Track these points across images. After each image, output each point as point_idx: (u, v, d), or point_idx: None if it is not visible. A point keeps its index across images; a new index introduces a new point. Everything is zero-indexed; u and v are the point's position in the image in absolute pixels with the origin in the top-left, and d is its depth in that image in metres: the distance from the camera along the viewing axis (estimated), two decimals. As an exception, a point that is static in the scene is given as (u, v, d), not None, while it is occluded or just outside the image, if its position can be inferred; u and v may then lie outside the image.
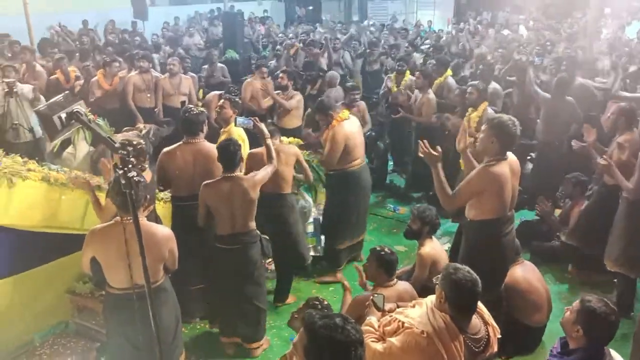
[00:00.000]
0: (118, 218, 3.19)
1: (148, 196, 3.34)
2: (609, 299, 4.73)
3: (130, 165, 2.07)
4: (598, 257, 4.86)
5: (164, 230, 3.44)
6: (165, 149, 4.59)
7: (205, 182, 4.20)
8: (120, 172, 2.04)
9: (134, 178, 2.09)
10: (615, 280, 4.90)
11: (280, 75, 7.55)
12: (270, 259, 5.28)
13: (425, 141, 3.83)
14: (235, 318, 4.38)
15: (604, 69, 8.24)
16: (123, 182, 2.06)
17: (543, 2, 18.51)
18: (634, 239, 4.53)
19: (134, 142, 3.88)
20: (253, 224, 4.31)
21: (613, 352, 3.07)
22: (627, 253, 4.57)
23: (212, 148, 4.48)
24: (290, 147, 5.11)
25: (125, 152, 2.05)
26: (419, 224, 4.43)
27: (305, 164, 5.20)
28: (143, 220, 3.19)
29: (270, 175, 4.38)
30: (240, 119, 4.83)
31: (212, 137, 4.91)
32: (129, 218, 2.89)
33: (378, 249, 3.82)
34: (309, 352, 2.08)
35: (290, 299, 5.19)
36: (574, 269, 5.41)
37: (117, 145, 2.07)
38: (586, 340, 2.82)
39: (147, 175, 4.32)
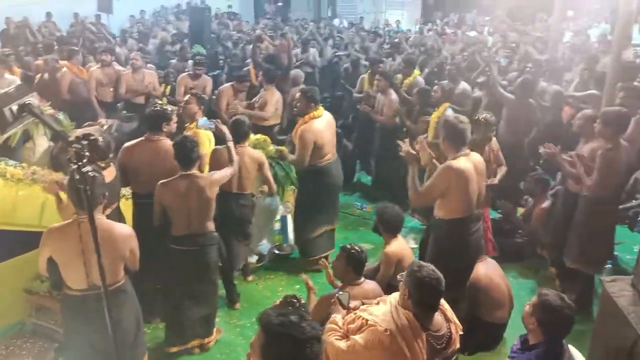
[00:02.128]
0: (76, 216, 3.07)
1: (107, 193, 3.23)
2: (568, 296, 4.87)
3: (85, 160, 2.00)
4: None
5: (123, 229, 3.33)
6: (126, 145, 4.50)
7: (161, 180, 4.09)
8: (75, 166, 1.97)
9: (89, 173, 2.01)
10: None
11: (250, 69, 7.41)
12: None
13: (406, 140, 3.96)
14: (191, 321, 4.29)
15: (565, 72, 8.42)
16: (77, 177, 1.98)
17: (509, 4, 18.82)
18: (592, 237, 4.64)
19: (91, 136, 3.76)
20: (211, 225, 4.22)
21: (572, 349, 3.14)
22: (587, 250, 4.66)
23: (172, 145, 4.39)
24: (255, 154, 5.00)
25: (79, 146, 1.97)
26: (380, 224, 4.45)
27: (268, 173, 5.08)
28: (101, 218, 3.09)
29: (229, 177, 4.34)
30: (202, 121, 4.77)
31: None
32: (84, 216, 2.79)
33: (348, 247, 3.79)
34: (265, 350, 2.06)
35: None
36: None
37: (71, 139, 1.99)
38: (543, 334, 2.89)
39: (111, 171, 4.21)
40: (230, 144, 4.46)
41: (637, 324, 2.91)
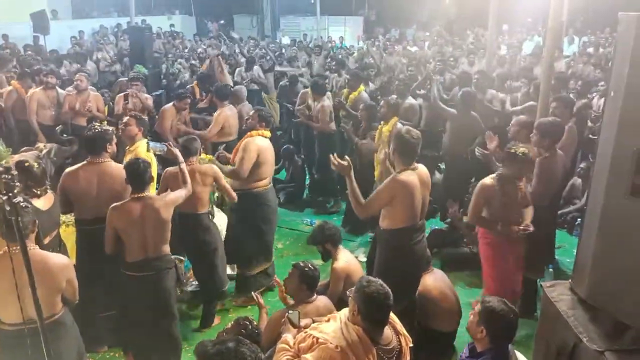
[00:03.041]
0: (6, 248, 2.92)
1: (36, 221, 3.10)
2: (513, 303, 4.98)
3: (15, 191, 1.92)
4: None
5: (59, 259, 3.20)
6: (68, 169, 4.35)
7: (112, 204, 3.95)
8: (5, 198, 1.88)
9: (20, 204, 1.93)
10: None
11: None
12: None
13: (334, 155, 3.94)
14: (150, 350, 4.13)
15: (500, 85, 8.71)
16: (8, 208, 1.90)
17: (447, 19, 19.46)
18: (535, 243, 4.77)
19: (25, 164, 3.63)
20: (167, 248, 4.07)
21: (517, 353, 3.23)
22: (530, 256, 4.79)
23: (118, 168, 4.28)
24: (208, 168, 4.89)
25: (9, 177, 1.90)
26: (320, 247, 4.49)
27: (224, 183, 4.97)
28: (34, 248, 2.96)
29: (183, 199, 4.23)
30: (152, 144, 4.67)
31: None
32: (15, 247, 2.67)
33: (301, 264, 3.79)
34: None
35: (215, 321, 5.06)
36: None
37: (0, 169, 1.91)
38: (490, 341, 2.96)
39: (49, 198, 4.08)
40: (183, 165, 4.37)
41: (576, 327, 3.01)
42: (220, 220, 5.59)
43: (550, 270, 5.59)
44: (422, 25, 19.79)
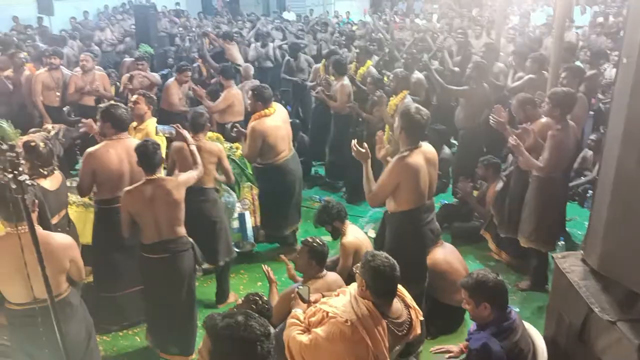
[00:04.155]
0: (10, 229, 2.93)
1: (36, 200, 3.10)
2: (527, 278, 4.98)
3: (20, 169, 1.91)
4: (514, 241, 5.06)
5: (62, 239, 3.18)
6: (92, 149, 4.28)
7: (126, 188, 3.94)
8: (10, 176, 1.88)
9: (26, 182, 1.93)
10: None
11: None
12: None
13: (355, 141, 3.89)
14: (166, 333, 4.15)
15: (506, 54, 8.57)
16: (14, 186, 1.89)
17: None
18: (544, 215, 4.75)
19: (32, 144, 3.62)
20: (182, 230, 4.04)
21: (528, 325, 3.23)
22: (539, 229, 4.77)
23: None
24: (213, 145, 4.91)
25: (14, 155, 1.89)
26: (328, 226, 4.48)
27: (227, 164, 5.00)
28: (37, 228, 2.97)
29: (195, 180, 4.20)
30: (161, 127, 4.64)
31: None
32: (22, 227, 2.68)
33: (310, 240, 3.78)
34: (214, 355, 1.99)
35: (232, 298, 5.09)
36: (496, 248, 5.58)
37: (3, 147, 1.90)
38: (491, 312, 3.01)
39: (56, 178, 4.08)
40: (193, 147, 4.34)
41: (588, 298, 3.00)
42: (229, 197, 5.62)
43: (562, 243, 5.57)
44: (429, -2, 19.51)
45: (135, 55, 8.38)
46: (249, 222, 5.97)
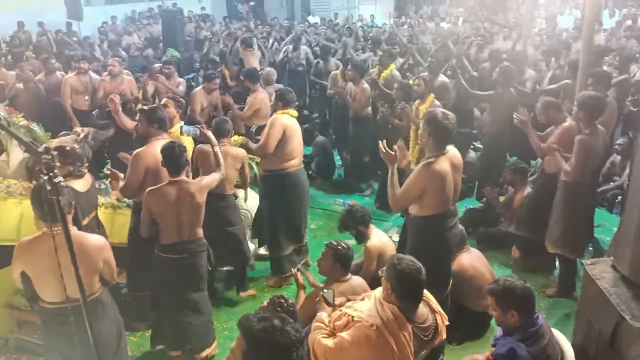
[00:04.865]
0: (45, 229, 2.99)
1: (72, 202, 3.17)
2: (551, 281, 4.93)
3: (55, 171, 1.96)
4: (541, 243, 4.98)
5: (95, 240, 3.25)
6: (141, 150, 4.36)
7: (149, 188, 4.00)
8: (46, 178, 1.93)
9: (61, 184, 1.97)
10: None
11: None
12: None
13: (384, 141, 3.86)
14: (182, 329, 4.20)
15: (535, 61, 8.48)
16: (49, 188, 1.94)
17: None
18: (572, 221, 4.69)
19: (66, 147, 3.70)
20: (200, 232, 4.12)
21: (555, 332, 3.19)
22: (566, 235, 4.71)
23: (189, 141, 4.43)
24: (238, 151, 4.96)
25: (49, 157, 1.94)
26: (353, 230, 4.48)
27: (247, 171, 5.06)
28: (72, 229, 3.03)
29: (217, 182, 4.26)
30: (186, 127, 4.69)
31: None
32: (57, 228, 2.73)
33: (334, 243, 3.78)
34: (248, 357, 1.99)
35: (250, 291, 5.16)
36: (518, 252, 5.52)
37: (40, 149, 1.95)
38: (518, 317, 2.97)
39: (87, 180, 4.15)
40: (217, 148, 4.39)
41: (619, 305, 2.95)
42: (253, 200, 5.64)
43: (590, 249, 5.48)
44: (455, 1, 19.37)
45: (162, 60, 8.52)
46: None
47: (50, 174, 1.95)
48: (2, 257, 3.94)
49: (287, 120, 5.17)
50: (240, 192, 5.28)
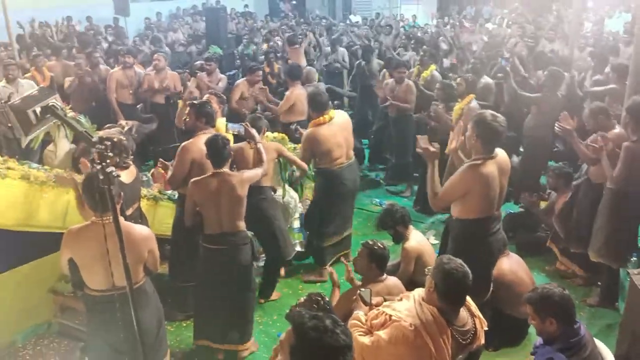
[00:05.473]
0: (94, 218, 3.06)
1: (122, 193, 3.25)
2: (594, 291, 4.81)
3: (108, 161, 2.01)
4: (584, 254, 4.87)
5: (142, 230, 3.32)
6: (188, 142, 4.47)
7: (193, 179, 4.10)
8: (98, 167, 1.98)
9: (113, 174, 2.03)
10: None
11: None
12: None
13: (425, 136, 3.81)
14: (223, 323, 4.25)
15: (580, 63, 8.27)
16: (101, 177, 2.00)
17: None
18: (616, 230, 4.56)
19: (114, 138, 3.79)
20: (242, 225, 4.18)
21: (599, 342, 3.11)
22: (610, 244, 4.58)
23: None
24: (271, 144, 5.03)
25: (102, 147, 1.99)
26: (391, 230, 4.46)
27: (291, 156, 5.14)
28: (121, 219, 3.10)
29: (259, 177, 4.35)
30: (230, 125, 4.78)
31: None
32: (106, 217, 2.81)
33: (370, 242, 3.76)
34: (295, 352, 2.00)
35: (274, 295, 5.17)
36: (565, 260, 5.39)
37: (94, 139, 2.01)
38: (558, 326, 2.90)
39: (131, 172, 4.25)
40: (260, 145, 4.48)
41: (666, 317, 2.86)
42: (290, 197, 5.69)
43: (634, 259, 5.32)
44: (500, 2, 19.02)
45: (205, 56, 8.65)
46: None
47: (103, 163, 2.00)
48: (47, 244, 4.09)
49: (321, 131, 5.17)
50: (280, 189, 5.35)
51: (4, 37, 9.07)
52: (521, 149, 7.38)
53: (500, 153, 3.74)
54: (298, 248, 5.86)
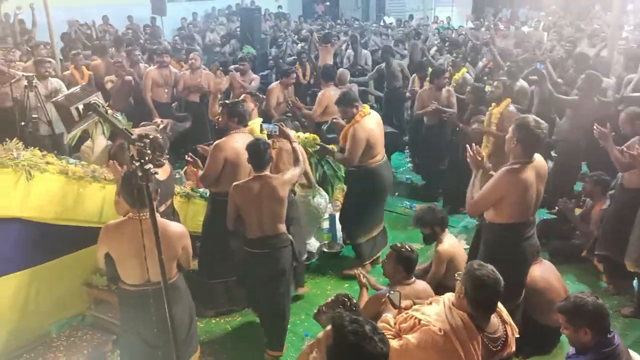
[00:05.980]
0: (131, 214, 3.14)
1: (159, 190, 3.31)
2: (627, 300, 4.69)
3: (147, 158, 2.06)
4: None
5: (177, 227, 3.38)
6: (220, 140, 4.53)
7: (235, 183, 4.13)
8: (137, 164, 2.03)
9: (151, 171, 2.07)
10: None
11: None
12: None
13: (474, 145, 3.82)
14: (264, 324, 4.34)
15: (618, 68, 8.07)
16: (140, 174, 2.04)
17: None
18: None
19: (151, 135, 3.85)
20: (283, 227, 4.19)
21: (633, 353, 3.04)
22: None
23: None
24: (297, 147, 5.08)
25: (142, 144, 2.04)
26: (427, 229, 4.43)
27: (307, 167, 5.17)
28: (157, 215, 3.16)
29: (298, 176, 4.37)
30: (265, 125, 4.82)
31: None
32: (143, 214, 2.85)
33: (398, 246, 3.76)
34: (332, 353, 2.00)
35: (304, 289, 5.22)
36: (608, 280, 5.23)
37: (134, 137, 2.05)
38: (592, 337, 2.85)
39: (165, 169, 4.33)
40: (295, 144, 4.51)
41: None
42: (321, 198, 5.70)
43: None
44: (535, 4, 18.69)
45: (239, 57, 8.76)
46: (339, 223, 6.02)
47: (142, 160, 2.04)
48: (84, 238, 4.19)
49: (369, 124, 5.19)
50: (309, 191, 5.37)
51: (46, 35, 9.32)
52: (553, 154, 7.25)
53: (537, 158, 3.69)
54: (325, 249, 5.90)
